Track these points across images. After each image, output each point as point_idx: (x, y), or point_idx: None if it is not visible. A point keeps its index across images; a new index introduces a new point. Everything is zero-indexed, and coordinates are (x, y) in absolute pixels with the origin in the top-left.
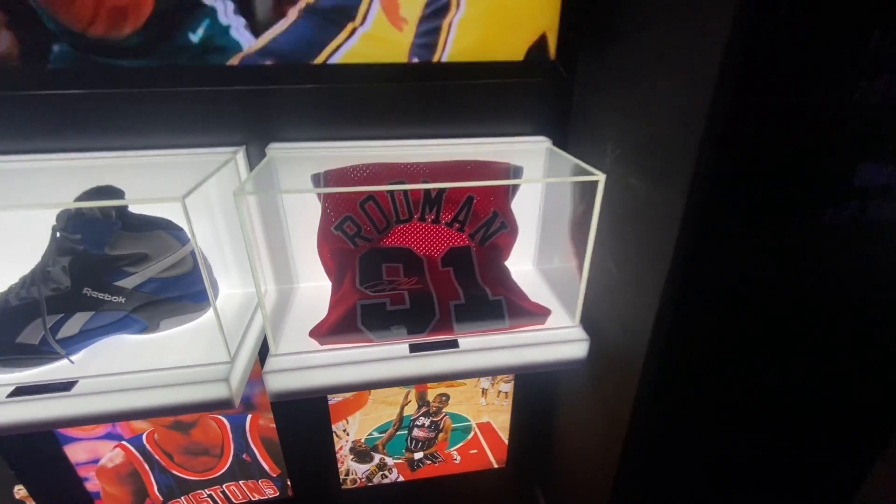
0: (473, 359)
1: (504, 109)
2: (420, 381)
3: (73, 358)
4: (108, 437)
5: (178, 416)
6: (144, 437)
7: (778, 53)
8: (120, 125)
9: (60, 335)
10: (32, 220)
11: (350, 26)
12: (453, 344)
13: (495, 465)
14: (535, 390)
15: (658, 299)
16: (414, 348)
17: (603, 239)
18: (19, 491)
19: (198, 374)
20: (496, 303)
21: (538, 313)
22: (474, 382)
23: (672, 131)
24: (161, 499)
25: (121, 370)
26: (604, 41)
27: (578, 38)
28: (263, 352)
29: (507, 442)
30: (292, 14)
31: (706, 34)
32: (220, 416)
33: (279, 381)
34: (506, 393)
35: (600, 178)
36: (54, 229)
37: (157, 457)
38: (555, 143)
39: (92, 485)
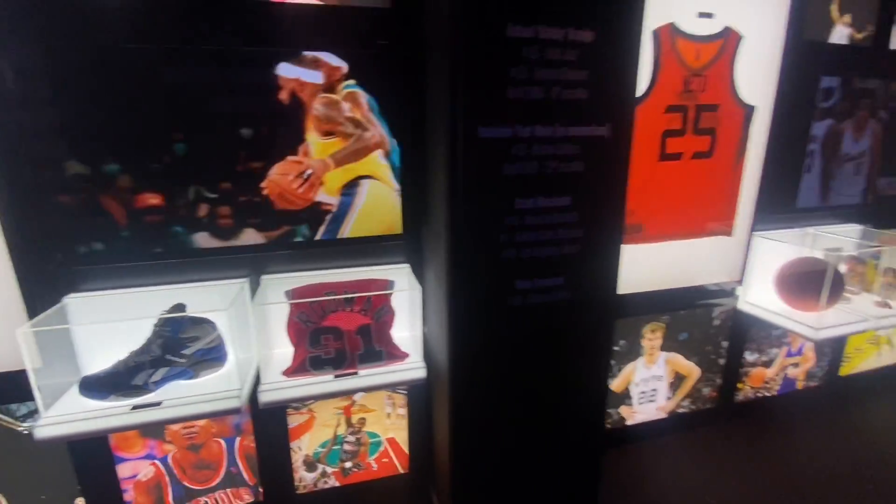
0: (367, 380)
1: (388, 252)
2: (340, 395)
3: (157, 392)
4: (147, 457)
5: (194, 439)
6: (170, 457)
7: (462, 249)
8: (190, 270)
9: (152, 379)
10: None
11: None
12: (355, 374)
13: (401, 471)
14: (419, 411)
15: (447, 344)
16: (336, 376)
17: (430, 317)
18: (78, 501)
19: (224, 394)
20: (379, 351)
21: (401, 356)
22: (381, 407)
23: (440, 266)
24: None
25: (185, 395)
26: (427, 226)
27: (418, 224)
28: (254, 390)
29: (408, 452)
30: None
31: (439, 241)
32: (220, 440)
33: (267, 395)
34: (402, 415)
35: (419, 289)
36: (155, 326)
37: (175, 471)
38: (413, 269)
39: (128, 496)
